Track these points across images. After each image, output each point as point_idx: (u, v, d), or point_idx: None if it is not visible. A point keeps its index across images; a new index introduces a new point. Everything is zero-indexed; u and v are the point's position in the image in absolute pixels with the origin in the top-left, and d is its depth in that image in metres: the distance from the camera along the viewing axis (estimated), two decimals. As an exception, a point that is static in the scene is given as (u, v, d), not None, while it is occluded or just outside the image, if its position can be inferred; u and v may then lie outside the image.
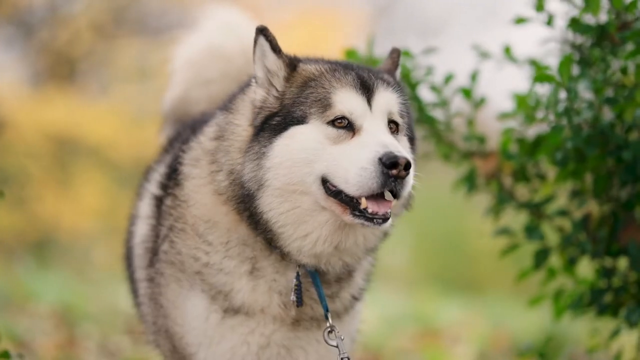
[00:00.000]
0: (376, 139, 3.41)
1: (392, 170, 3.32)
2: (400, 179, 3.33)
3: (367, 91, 3.52)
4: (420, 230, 12.19)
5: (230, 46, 4.64)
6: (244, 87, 3.77)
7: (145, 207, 4.01)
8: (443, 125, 4.63)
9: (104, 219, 15.71)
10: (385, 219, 3.38)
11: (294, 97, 3.55)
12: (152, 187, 4.01)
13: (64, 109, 15.62)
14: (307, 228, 3.51)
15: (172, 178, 3.87)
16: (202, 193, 3.72)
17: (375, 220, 3.38)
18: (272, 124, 3.54)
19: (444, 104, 4.59)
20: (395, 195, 3.38)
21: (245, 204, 3.56)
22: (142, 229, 4.00)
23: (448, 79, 4.59)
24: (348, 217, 3.42)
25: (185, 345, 3.77)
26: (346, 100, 3.49)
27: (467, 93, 4.60)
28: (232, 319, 3.67)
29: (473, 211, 15.04)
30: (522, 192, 4.61)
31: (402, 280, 11.39)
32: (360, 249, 3.59)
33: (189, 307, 3.74)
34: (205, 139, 3.78)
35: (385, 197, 3.39)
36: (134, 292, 4.21)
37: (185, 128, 4.27)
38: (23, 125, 15.24)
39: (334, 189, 3.43)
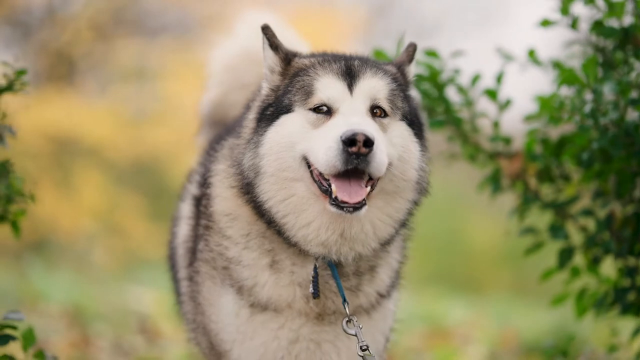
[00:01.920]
0: (345, 119, 3.50)
1: (352, 147, 3.39)
2: (363, 155, 3.40)
3: (350, 77, 3.62)
4: (420, 230, 12.24)
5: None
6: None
7: (186, 208, 4.11)
8: (469, 126, 4.69)
9: (103, 218, 15.73)
10: (356, 207, 3.44)
11: (285, 88, 3.70)
12: (193, 188, 4.11)
13: (63, 109, 15.62)
14: (308, 216, 3.58)
15: (207, 178, 3.97)
16: (223, 187, 3.84)
17: (346, 209, 3.45)
18: (267, 114, 3.69)
19: (469, 104, 4.65)
20: (363, 173, 3.45)
21: (249, 194, 3.67)
22: (184, 230, 4.11)
23: (475, 79, 4.66)
24: (327, 206, 3.50)
25: (220, 342, 3.85)
26: (326, 86, 3.61)
27: (492, 94, 4.67)
28: (262, 315, 3.74)
29: (473, 211, 15.15)
30: (546, 192, 4.68)
31: (407, 279, 11.40)
32: (371, 237, 3.62)
33: (222, 304, 3.82)
34: (231, 138, 3.92)
35: (361, 186, 3.47)
36: (177, 291, 4.28)
37: (225, 130, 4.36)
38: (22, 126, 15.26)
39: (316, 172, 3.53)
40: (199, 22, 16.90)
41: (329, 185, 3.49)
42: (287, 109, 3.64)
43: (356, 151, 3.39)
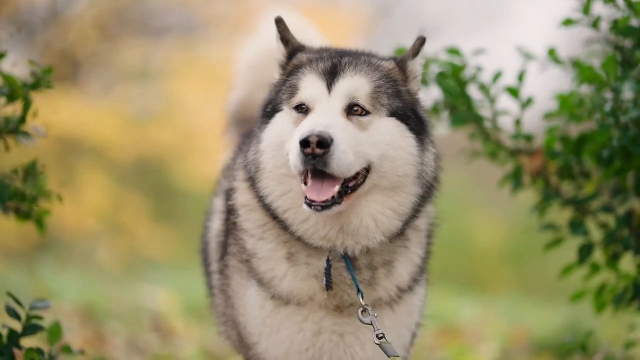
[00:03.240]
0: (311, 120, 3.56)
1: (306, 148, 3.45)
2: (318, 156, 3.45)
3: (331, 76, 3.66)
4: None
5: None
6: None
7: (219, 202, 4.18)
8: (490, 123, 4.74)
9: (106, 218, 15.77)
10: (324, 206, 3.50)
11: (281, 85, 3.78)
12: (226, 183, 4.15)
13: (67, 109, 15.65)
14: (305, 212, 3.62)
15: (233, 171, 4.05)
16: (241, 180, 3.92)
17: (314, 207, 3.51)
18: (267, 110, 3.78)
19: (491, 101, 4.70)
20: (326, 171, 3.49)
21: (253, 188, 3.76)
22: (216, 224, 4.17)
23: (496, 77, 4.71)
24: (302, 205, 3.57)
25: (248, 335, 3.91)
26: (308, 86, 3.68)
27: (514, 92, 4.72)
28: (285, 308, 3.79)
29: (475, 210, 15.20)
30: (566, 189, 4.73)
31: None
32: (374, 231, 3.66)
33: (248, 296, 3.88)
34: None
35: (332, 185, 3.53)
36: (209, 284, 4.35)
37: None
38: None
39: None
40: (203, 22, 16.94)
41: (306, 184, 3.57)
42: (280, 107, 3.73)
43: (310, 152, 3.45)
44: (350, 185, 3.58)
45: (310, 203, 3.52)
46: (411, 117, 3.71)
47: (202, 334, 7.92)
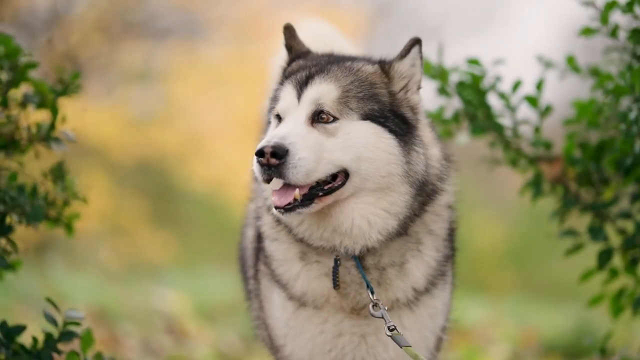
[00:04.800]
0: (274, 131, 3.67)
1: (261, 159, 3.55)
2: (274, 166, 3.54)
3: (302, 86, 3.75)
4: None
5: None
6: None
7: (253, 208, 4.24)
8: (510, 131, 4.82)
9: (107, 220, 15.80)
10: (286, 209, 3.60)
11: (273, 93, 3.89)
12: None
13: (69, 111, 15.66)
14: (300, 215, 3.71)
15: None
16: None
17: (278, 210, 3.61)
18: (268, 119, 3.91)
19: (512, 110, 4.78)
20: (283, 181, 3.58)
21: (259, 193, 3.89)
22: (251, 230, 4.27)
23: (515, 86, 4.79)
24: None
25: (275, 337, 4.00)
26: (284, 96, 3.77)
27: (533, 102, 4.80)
28: (305, 310, 3.88)
29: (477, 211, 15.27)
30: (584, 195, 4.81)
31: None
32: (367, 231, 3.71)
33: (274, 299, 3.97)
34: None
35: (294, 189, 3.60)
36: (246, 289, 4.47)
37: None
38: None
39: None
40: (205, 24, 16.98)
41: None
42: (269, 117, 3.86)
43: (265, 163, 3.55)
44: (325, 188, 3.65)
45: (275, 207, 3.62)
46: (390, 118, 3.74)
47: (215, 335, 8.00)
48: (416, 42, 3.83)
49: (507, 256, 14.32)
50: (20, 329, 4.12)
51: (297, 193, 3.61)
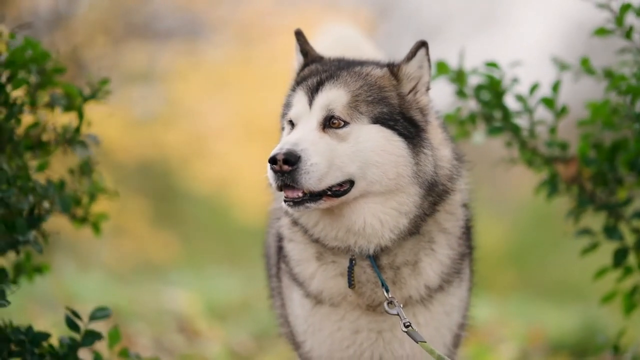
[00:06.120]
0: (286, 138, 3.75)
1: (274, 166, 3.64)
2: (287, 173, 3.63)
3: (313, 92, 3.84)
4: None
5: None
6: None
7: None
8: (527, 132, 4.90)
9: (110, 221, 15.80)
10: (295, 202, 3.69)
11: (286, 99, 3.97)
12: None
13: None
14: (313, 217, 3.83)
15: None
16: None
17: (287, 203, 3.71)
18: (282, 125, 3.98)
19: (529, 112, 4.87)
20: (295, 186, 3.66)
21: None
22: (274, 230, 4.35)
23: (533, 88, 4.88)
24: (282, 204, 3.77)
25: (297, 334, 4.11)
26: (296, 102, 3.86)
27: (549, 103, 4.88)
28: (322, 308, 3.97)
29: (476, 210, 15.31)
30: (599, 195, 4.88)
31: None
32: (380, 230, 3.80)
33: (294, 297, 4.08)
34: None
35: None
36: (270, 287, 4.56)
37: None
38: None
39: None
40: (207, 25, 17.03)
41: None
42: (283, 123, 3.95)
43: (278, 169, 3.64)
44: (332, 190, 3.73)
45: (285, 200, 3.71)
46: (399, 121, 3.82)
47: (226, 334, 8.06)
48: (422, 44, 3.92)
49: (508, 256, 14.38)
50: (46, 335, 4.18)
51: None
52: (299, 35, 4.07)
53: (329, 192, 3.71)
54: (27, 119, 4.40)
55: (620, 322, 6.06)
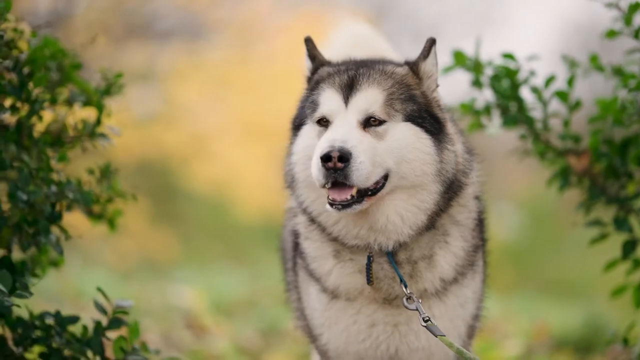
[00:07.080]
0: (330, 135, 3.80)
1: (328, 163, 3.69)
2: (340, 170, 3.69)
3: (347, 90, 3.89)
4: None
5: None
6: None
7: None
8: (541, 124, 4.97)
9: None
10: (343, 205, 3.74)
11: (306, 99, 4.03)
12: None
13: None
14: (354, 211, 3.83)
15: None
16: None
17: (335, 206, 3.75)
18: (295, 124, 4.04)
19: (544, 104, 4.93)
20: (347, 183, 3.72)
21: (293, 195, 4.02)
22: (290, 226, 4.41)
23: (548, 81, 4.94)
24: (326, 206, 3.80)
25: (313, 327, 4.17)
26: (327, 100, 3.91)
27: (563, 96, 4.94)
28: (338, 302, 4.04)
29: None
30: (610, 188, 4.94)
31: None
32: (400, 226, 3.87)
33: (311, 291, 4.14)
34: None
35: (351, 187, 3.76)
36: (286, 281, 4.63)
37: None
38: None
39: None
40: (208, 25, 17.06)
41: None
42: (305, 121, 3.98)
43: (332, 167, 3.69)
44: (371, 189, 3.80)
45: (332, 203, 3.75)
46: (426, 118, 3.91)
47: (233, 330, 8.10)
48: (434, 42, 4.01)
49: (509, 253, 14.42)
50: (75, 318, 4.26)
51: (354, 191, 3.76)
52: (308, 42, 4.15)
53: (370, 192, 3.79)
54: (46, 115, 4.44)
55: (624, 317, 6.12)
